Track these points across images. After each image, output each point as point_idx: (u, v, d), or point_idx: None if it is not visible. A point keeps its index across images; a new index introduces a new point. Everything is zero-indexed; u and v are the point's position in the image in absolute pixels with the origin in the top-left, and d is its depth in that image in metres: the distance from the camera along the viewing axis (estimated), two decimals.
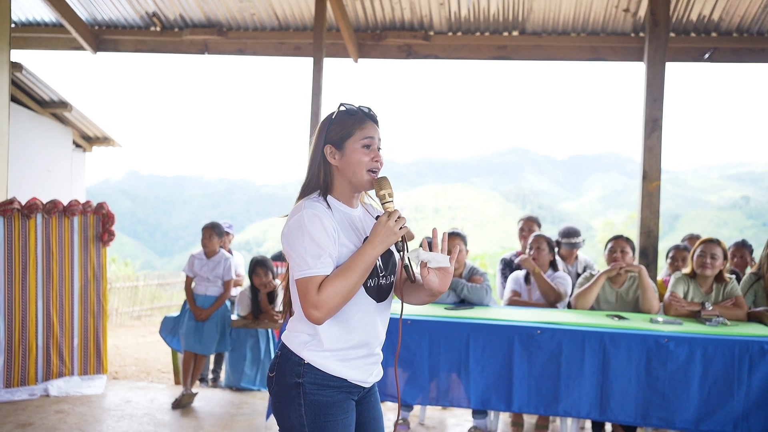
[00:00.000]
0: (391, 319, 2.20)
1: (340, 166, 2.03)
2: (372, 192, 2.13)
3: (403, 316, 2.19)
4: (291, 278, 2.06)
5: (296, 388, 1.98)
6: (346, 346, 2.02)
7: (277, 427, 4.81)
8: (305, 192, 2.07)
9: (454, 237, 4.79)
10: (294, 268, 1.93)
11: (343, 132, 2.02)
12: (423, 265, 2.00)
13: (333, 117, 2.05)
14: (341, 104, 2.06)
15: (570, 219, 78.24)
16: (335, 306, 1.90)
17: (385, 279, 2.10)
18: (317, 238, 1.91)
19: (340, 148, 2.02)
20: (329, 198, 2.04)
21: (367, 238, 2.05)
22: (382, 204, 2.02)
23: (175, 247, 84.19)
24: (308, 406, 1.97)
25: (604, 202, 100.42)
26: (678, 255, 5.22)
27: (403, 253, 2.02)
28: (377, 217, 2.02)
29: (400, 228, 1.96)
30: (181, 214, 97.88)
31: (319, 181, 2.04)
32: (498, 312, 4.34)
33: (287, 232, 1.95)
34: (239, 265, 6.45)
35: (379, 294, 2.09)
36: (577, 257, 5.46)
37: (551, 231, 5.67)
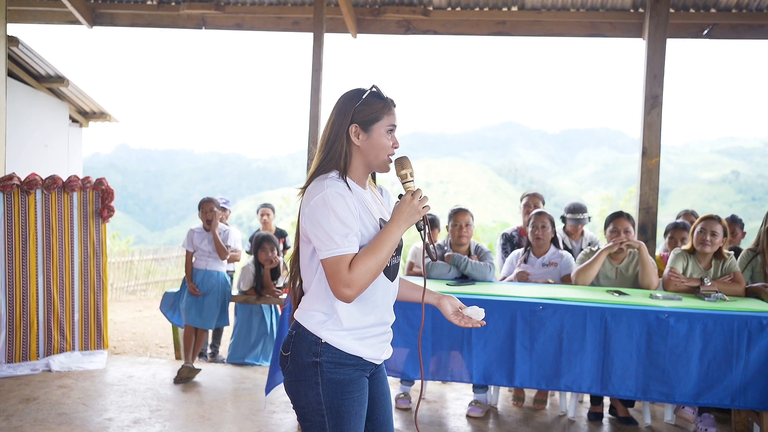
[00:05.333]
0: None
1: (362, 147, 2.06)
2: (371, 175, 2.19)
3: None
4: (305, 257, 2.07)
5: (313, 367, 2.00)
6: (364, 324, 2.05)
7: (277, 402, 4.85)
8: (323, 168, 2.06)
9: (464, 213, 4.85)
10: (320, 247, 1.94)
11: (371, 115, 2.05)
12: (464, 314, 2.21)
13: (362, 98, 2.07)
14: (373, 86, 2.09)
15: (561, 193, 78.19)
16: (366, 284, 1.94)
17: (395, 259, 2.14)
18: (343, 216, 1.93)
19: (366, 130, 2.05)
20: (347, 179, 2.06)
21: (382, 218, 2.09)
22: (403, 183, 2.08)
23: (166, 221, 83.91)
24: (326, 384, 2.00)
25: (596, 176, 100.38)
26: (677, 235, 5.24)
27: (424, 232, 2.06)
28: (400, 196, 2.05)
29: (424, 207, 2.02)
30: (171, 188, 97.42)
31: (340, 160, 2.06)
32: (500, 288, 4.38)
33: (309, 212, 1.96)
34: (236, 240, 6.46)
35: (392, 273, 2.14)
36: (582, 233, 5.51)
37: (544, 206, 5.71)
